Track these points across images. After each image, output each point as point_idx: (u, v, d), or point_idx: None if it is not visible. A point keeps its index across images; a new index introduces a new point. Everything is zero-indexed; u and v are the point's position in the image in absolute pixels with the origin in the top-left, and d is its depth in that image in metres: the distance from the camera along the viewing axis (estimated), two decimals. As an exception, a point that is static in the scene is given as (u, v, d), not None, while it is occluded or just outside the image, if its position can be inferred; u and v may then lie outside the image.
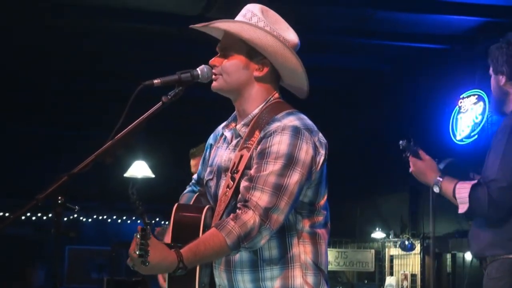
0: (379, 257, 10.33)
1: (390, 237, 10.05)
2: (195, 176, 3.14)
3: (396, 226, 10.15)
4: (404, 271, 9.70)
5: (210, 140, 3.05)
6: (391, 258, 10.15)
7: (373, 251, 10.34)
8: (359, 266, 10.37)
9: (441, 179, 3.82)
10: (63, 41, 8.36)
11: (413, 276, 9.51)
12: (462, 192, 3.70)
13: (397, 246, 9.67)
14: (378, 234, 10.24)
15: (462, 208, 3.70)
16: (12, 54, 8.80)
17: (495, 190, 3.61)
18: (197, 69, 2.75)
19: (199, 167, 3.10)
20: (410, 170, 3.96)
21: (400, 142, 3.95)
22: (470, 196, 3.66)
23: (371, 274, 10.54)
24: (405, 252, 9.51)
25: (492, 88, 3.92)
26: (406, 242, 9.29)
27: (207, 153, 3.03)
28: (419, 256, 9.30)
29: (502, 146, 3.68)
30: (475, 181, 3.70)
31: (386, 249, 10.23)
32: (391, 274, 9.99)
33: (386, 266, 10.17)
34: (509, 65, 3.80)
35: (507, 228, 3.71)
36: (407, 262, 9.73)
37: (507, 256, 3.70)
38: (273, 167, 2.60)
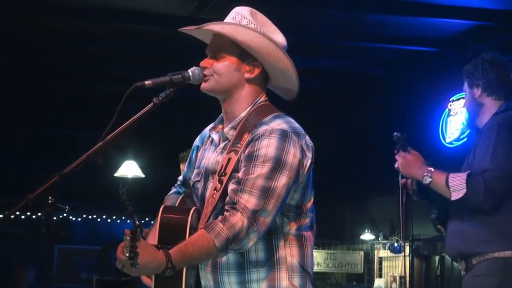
0: (368, 259, 10.36)
1: (379, 239, 10.09)
2: (180, 178, 3.16)
3: (385, 228, 10.18)
4: (393, 273, 9.73)
5: (197, 142, 3.06)
6: (380, 260, 10.18)
7: (362, 253, 10.37)
8: (348, 267, 10.39)
9: (432, 170, 3.93)
10: (59, 41, 8.34)
11: (402, 278, 9.53)
12: (457, 180, 3.82)
13: (386, 248, 9.70)
14: (367, 236, 10.27)
15: (456, 195, 3.81)
16: (11, 54, 8.78)
17: (490, 179, 3.75)
18: (188, 70, 2.77)
19: (185, 169, 3.12)
20: (396, 164, 4.06)
21: (395, 133, 4.05)
22: (467, 183, 3.77)
23: (360, 276, 10.57)
24: (394, 254, 9.54)
25: (467, 102, 4.20)
26: (395, 244, 9.32)
27: (193, 155, 3.05)
28: (408, 258, 9.32)
29: (492, 141, 3.85)
30: (468, 172, 3.83)
31: (375, 251, 10.26)
32: (380, 276, 10.03)
33: (375, 268, 10.20)
34: (486, 78, 4.08)
35: (499, 224, 3.81)
36: (396, 264, 9.76)
37: (498, 253, 3.77)
38: (261, 170, 2.62)
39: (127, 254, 2.33)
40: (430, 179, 3.92)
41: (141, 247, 2.35)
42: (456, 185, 3.81)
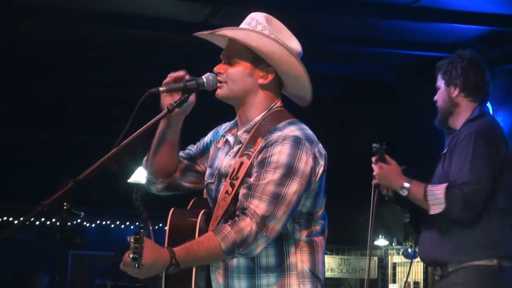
0: (382, 264, 10.33)
1: (393, 244, 10.05)
2: (191, 148, 3.11)
3: (399, 233, 10.14)
4: (407, 279, 9.69)
5: (210, 135, 3.07)
6: (394, 265, 10.14)
7: (376, 258, 10.33)
8: (362, 273, 10.35)
9: (409, 183, 3.95)
10: (67, 47, 8.37)
11: (416, 283, 9.50)
12: (436, 194, 3.84)
13: (400, 253, 9.67)
14: (381, 242, 10.23)
15: (436, 209, 3.84)
16: (17, 60, 8.81)
17: (469, 192, 3.77)
18: (203, 77, 2.78)
19: (196, 148, 3.10)
20: (375, 173, 4.04)
21: (374, 144, 4.06)
22: (446, 197, 3.77)
23: (374, 282, 10.54)
24: (408, 260, 9.50)
25: (441, 100, 4.19)
26: (409, 250, 9.27)
27: (209, 142, 3.05)
28: (422, 263, 9.29)
29: (469, 152, 3.86)
30: (446, 184, 3.83)
31: (389, 257, 10.23)
32: (394, 281, 9.99)
33: (389, 273, 10.16)
34: (465, 79, 4.06)
35: (475, 234, 3.82)
36: (410, 269, 9.72)
37: (472, 262, 3.79)
38: (272, 176, 2.63)
39: (131, 255, 2.34)
40: (408, 192, 3.94)
41: (146, 246, 2.37)
42: (435, 199, 3.83)
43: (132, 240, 2.33)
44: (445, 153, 4.08)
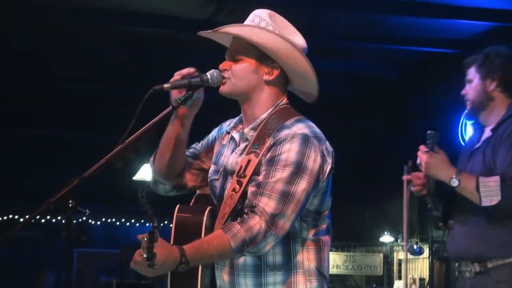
0: (388, 261, 10.33)
1: (399, 241, 10.05)
2: (196, 147, 3.10)
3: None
4: (413, 275, 9.69)
5: (215, 132, 3.05)
6: (400, 262, 10.14)
7: (381, 255, 10.34)
8: (368, 270, 10.37)
9: (460, 174, 3.82)
10: (67, 46, 8.36)
11: (422, 280, 9.50)
12: (490, 185, 3.72)
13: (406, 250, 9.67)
14: (386, 238, 10.24)
15: (490, 200, 3.70)
16: (17, 59, 8.80)
17: None
18: (207, 73, 2.78)
19: (202, 143, 3.09)
20: (419, 161, 3.95)
21: (429, 132, 3.95)
22: (502, 190, 3.68)
23: (380, 278, 10.55)
24: (413, 256, 9.50)
25: (475, 93, 4.06)
26: (415, 246, 9.28)
27: (212, 138, 3.03)
28: (427, 260, 9.28)
29: None
30: (499, 176, 3.73)
31: (395, 253, 10.23)
32: (400, 278, 9.99)
33: (395, 270, 10.16)
34: (504, 73, 3.97)
35: None
36: (416, 266, 9.73)
37: None
38: (281, 174, 2.62)
39: (144, 255, 2.33)
40: (458, 182, 3.81)
41: (158, 245, 2.36)
42: (489, 191, 3.71)
43: (146, 240, 2.32)
44: (480, 148, 3.99)
